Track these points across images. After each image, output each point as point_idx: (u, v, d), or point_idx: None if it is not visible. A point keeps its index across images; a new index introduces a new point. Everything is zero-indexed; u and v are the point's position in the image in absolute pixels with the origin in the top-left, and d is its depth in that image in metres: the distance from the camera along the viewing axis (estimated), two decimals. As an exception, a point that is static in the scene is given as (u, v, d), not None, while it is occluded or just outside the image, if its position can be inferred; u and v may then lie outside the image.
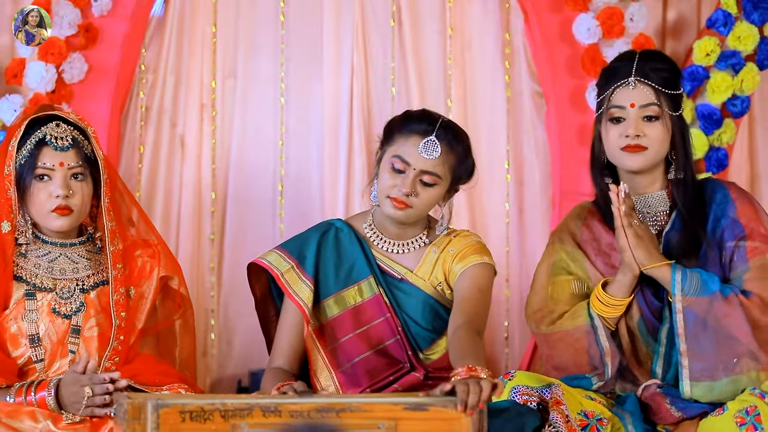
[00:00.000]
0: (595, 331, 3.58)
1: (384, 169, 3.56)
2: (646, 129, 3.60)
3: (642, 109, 3.60)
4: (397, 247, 3.64)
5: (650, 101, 3.60)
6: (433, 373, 3.58)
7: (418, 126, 3.55)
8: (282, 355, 3.60)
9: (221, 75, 5.01)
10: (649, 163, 3.62)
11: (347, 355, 3.59)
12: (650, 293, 3.59)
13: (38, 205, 3.50)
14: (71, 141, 3.51)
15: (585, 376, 3.60)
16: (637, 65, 3.62)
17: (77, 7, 4.69)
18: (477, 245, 3.63)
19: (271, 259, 3.64)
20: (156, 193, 4.95)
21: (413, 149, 3.52)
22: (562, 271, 3.70)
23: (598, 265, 3.69)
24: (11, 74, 4.70)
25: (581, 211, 3.78)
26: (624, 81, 3.62)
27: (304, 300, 3.58)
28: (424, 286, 3.61)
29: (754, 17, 4.80)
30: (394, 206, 3.52)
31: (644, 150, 3.59)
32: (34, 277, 3.52)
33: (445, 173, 3.54)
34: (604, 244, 3.70)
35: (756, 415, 3.36)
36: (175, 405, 2.88)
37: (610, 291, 3.57)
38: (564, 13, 4.87)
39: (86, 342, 3.51)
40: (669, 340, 3.57)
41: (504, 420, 3.23)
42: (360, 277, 3.62)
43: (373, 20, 5.03)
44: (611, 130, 3.63)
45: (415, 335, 3.60)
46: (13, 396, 3.36)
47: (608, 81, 3.67)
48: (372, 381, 3.56)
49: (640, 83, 3.61)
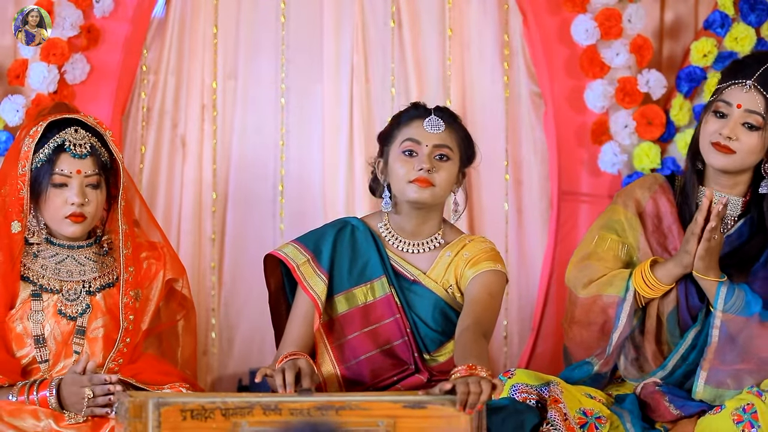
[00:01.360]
0: (622, 303, 3.59)
1: (396, 162, 3.59)
2: (743, 135, 3.57)
3: (746, 113, 3.57)
4: (412, 247, 3.66)
5: (757, 110, 3.57)
6: (437, 376, 3.58)
7: (415, 112, 3.64)
8: (292, 344, 3.60)
9: (222, 76, 5.01)
10: (732, 167, 3.59)
11: (354, 352, 3.60)
12: (693, 291, 3.59)
13: (53, 211, 3.51)
14: (89, 149, 3.51)
15: (586, 361, 3.61)
16: (763, 71, 3.60)
17: (79, 9, 4.70)
18: (491, 252, 3.66)
19: (288, 251, 3.66)
20: (157, 193, 4.95)
21: (420, 129, 3.59)
22: (614, 232, 3.70)
23: (651, 242, 3.68)
24: (14, 75, 4.71)
25: (653, 182, 3.77)
26: (741, 81, 3.59)
27: (318, 293, 3.60)
28: (435, 288, 3.62)
29: (750, 18, 4.81)
30: (418, 187, 3.56)
31: (732, 153, 3.57)
32: (40, 278, 3.53)
33: (455, 148, 3.61)
34: (664, 225, 3.69)
35: (753, 412, 3.38)
36: (176, 403, 2.89)
37: (657, 274, 3.57)
38: (562, 14, 4.88)
39: (91, 343, 3.52)
40: (693, 341, 3.58)
41: (503, 417, 3.24)
42: (373, 276, 3.64)
43: (373, 21, 5.04)
44: (710, 122, 3.61)
45: (424, 337, 3.62)
46: (15, 395, 3.36)
47: (731, 74, 3.63)
48: (375, 380, 3.58)
49: (755, 89, 3.57)
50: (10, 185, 3.53)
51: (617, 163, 4.88)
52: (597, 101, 4.86)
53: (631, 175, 4.89)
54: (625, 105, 4.87)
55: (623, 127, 4.88)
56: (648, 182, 3.77)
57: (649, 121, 4.89)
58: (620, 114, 4.89)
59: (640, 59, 4.89)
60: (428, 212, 3.63)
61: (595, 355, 3.61)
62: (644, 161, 4.87)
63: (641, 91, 4.87)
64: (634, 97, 4.87)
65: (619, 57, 4.87)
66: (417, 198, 3.56)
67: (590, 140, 4.90)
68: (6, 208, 3.53)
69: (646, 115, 4.88)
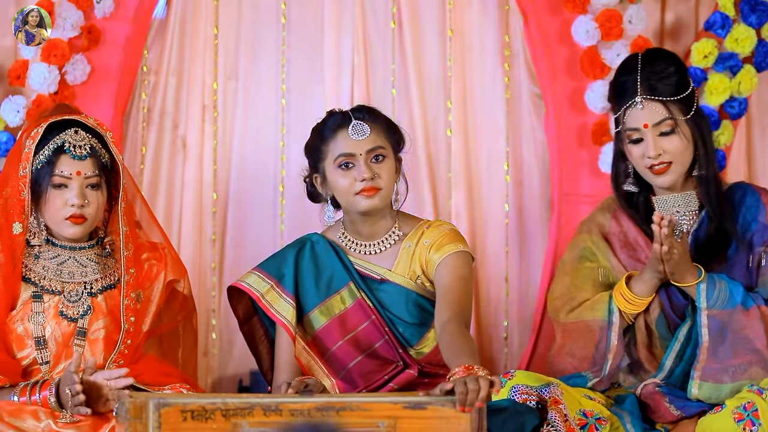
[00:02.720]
0: (610, 326, 3.59)
1: (334, 178, 3.59)
2: (665, 144, 3.59)
3: (656, 127, 3.59)
4: (372, 248, 3.66)
5: (662, 117, 3.58)
6: (427, 367, 3.60)
7: (333, 123, 3.62)
8: (285, 371, 3.63)
9: (223, 76, 5.01)
10: (678, 176, 3.62)
11: (341, 363, 3.61)
12: (675, 290, 3.60)
13: (53, 212, 3.51)
14: (89, 150, 3.52)
15: (581, 374, 3.61)
16: (642, 78, 3.58)
17: (80, 9, 4.70)
18: (451, 233, 3.64)
19: (251, 281, 3.66)
20: (158, 193, 4.96)
21: (347, 140, 3.57)
22: (586, 260, 3.71)
23: (622, 257, 3.69)
24: (14, 75, 4.71)
25: (611, 203, 3.79)
26: (632, 101, 3.60)
27: (287, 318, 3.61)
28: (404, 282, 3.62)
29: (751, 20, 4.81)
30: (366, 197, 3.56)
31: (670, 166, 3.59)
32: (42, 279, 3.53)
33: (386, 144, 3.60)
34: (630, 238, 3.70)
35: (754, 410, 3.38)
36: (177, 404, 2.89)
37: (635, 290, 3.58)
38: (563, 15, 4.88)
39: (91, 344, 3.52)
40: (686, 337, 3.58)
41: (503, 419, 3.24)
42: (340, 286, 3.65)
43: (374, 22, 5.04)
44: (633, 151, 3.63)
45: (403, 333, 3.62)
46: (17, 395, 3.37)
47: (617, 98, 3.65)
48: (367, 383, 3.59)
49: (648, 101, 3.58)
50: (11, 186, 3.53)
51: (618, 164, 4.88)
52: (598, 102, 4.86)
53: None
54: (626, 106, 4.87)
55: (624, 128, 4.88)
56: (606, 204, 3.82)
57: (650, 122, 4.89)
58: (621, 115, 4.89)
59: (640, 60, 4.89)
60: (379, 213, 3.64)
61: (591, 371, 3.61)
62: (645, 162, 4.87)
63: (642, 93, 4.87)
64: (634, 98, 4.87)
65: (619, 58, 4.85)
66: (368, 207, 3.57)
67: (591, 141, 4.90)
68: (8, 209, 3.53)
69: (647, 116, 4.88)
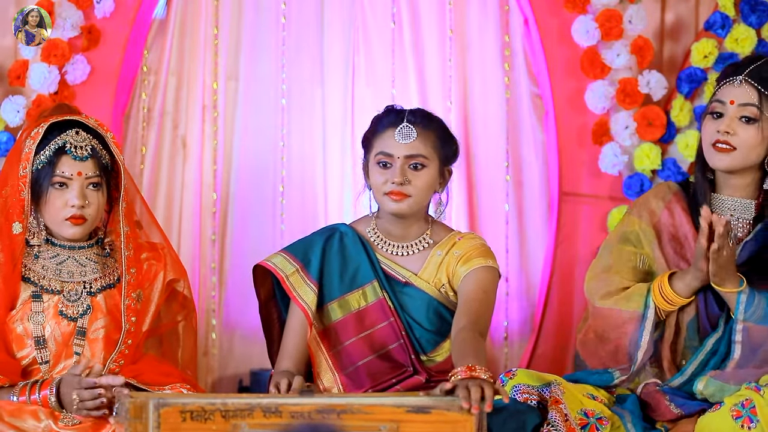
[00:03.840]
0: (643, 321, 3.56)
1: (373, 172, 3.59)
2: (740, 130, 3.53)
3: (741, 108, 3.53)
4: (402, 249, 3.64)
5: (751, 101, 3.52)
6: (436, 376, 3.57)
7: (387, 120, 3.60)
8: (289, 357, 3.60)
9: (223, 76, 5.02)
10: (736, 165, 3.55)
11: (350, 359, 3.59)
12: (712, 299, 3.55)
13: (53, 212, 3.51)
14: (90, 151, 3.51)
15: (607, 371, 3.60)
16: (753, 67, 3.55)
17: (80, 9, 4.71)
18: (482, 248, 3.63)
19: (276, 261, 3.64)
20: (158, 193, 4.96)
21: (391, 140, 3.56)
22: (630, 243, 3.65)
23: (667, 251, 3.63)
24: (14, 75, 4.72)
25: (667, 191, 3.70)
26: (732, 78, 3.56)
27: (308, 303, 3.58)
28: (428, 289, 3.61)
29: (751, 20, 4.81)
30: (392, 200, 3.55)
31: (732, 150, 3.53)
32: (41, 279, 3.53)
33: (430, 153, 3.57)
34: (680, 234, 3.64)
35: (752, 407, 3.37)
36: (176, 404, 2.89)
37: (676, 288, 3.55)
38: (563, 15, 4.89)
39: (91, 344, 3.51)
40: (714, 347, 3.56)
41: (504, 418, 3.23)
42: (364, 281, 3.62)
43: (373, 22, 5.04)
44: (708, 124, 3.57)
45: (419, 338, 3.61)
46: (17, 395, 3.36)
47: (723, 76, 3.60)
48: (374, 383, 3.56)
49: (746, 83, 3.53)
50: (11, 186, 3.53)
51: (618, 164, 4.88)
52: (597, 102, 4.86)
53: (631, 176, 4.90)
54: (626, 106, 4.88)
55: (624, 128, 4.88)
56: (662, 191, 3.72)
57: (650, 122, 4.89)
58: (621, 115, 4.89)
59: (640, 60, 4.90)
60: (410, 218, 3.63)
61: (618, 369, 3.59)
62: (645, 162, 4.88)
63: (642, 92, 4.88)
64: (634, 98, 4.88)
65: (619, 58, 4.87)
66: (393, 210, 3.56)
67: (591, 141, 4.91)
68: (7, 209, 3.53)
69: (647, 116, 4.89)
